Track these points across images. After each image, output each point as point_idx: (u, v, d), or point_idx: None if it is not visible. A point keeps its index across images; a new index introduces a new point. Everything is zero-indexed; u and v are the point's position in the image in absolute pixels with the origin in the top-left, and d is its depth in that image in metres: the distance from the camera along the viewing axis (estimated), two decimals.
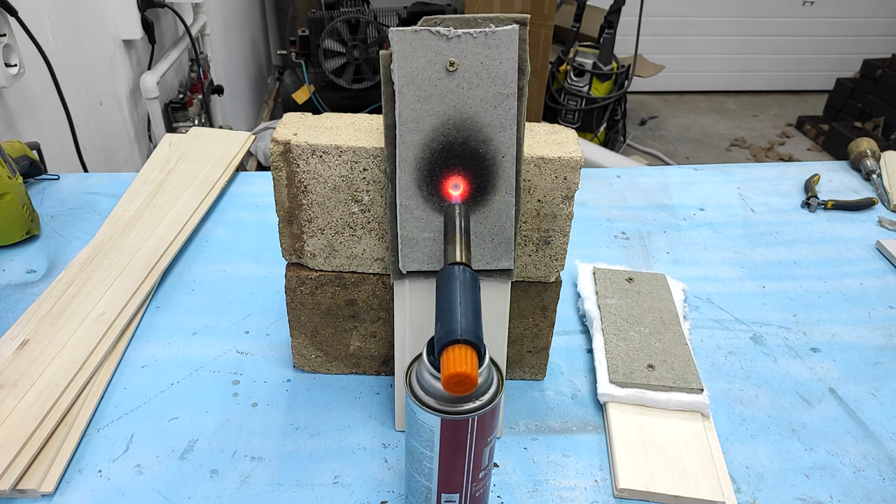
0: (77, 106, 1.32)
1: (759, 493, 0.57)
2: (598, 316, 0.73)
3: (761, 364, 0.72)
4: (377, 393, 0.66)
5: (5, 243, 0.84)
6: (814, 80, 4.00)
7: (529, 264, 0.61)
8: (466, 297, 0.45)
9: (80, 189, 0.98)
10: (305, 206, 0.58)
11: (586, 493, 0.57)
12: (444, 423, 0.45)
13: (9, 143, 0.93)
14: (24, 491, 0.54)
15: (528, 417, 0.64)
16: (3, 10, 1.03)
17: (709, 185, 1.07)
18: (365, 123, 0.59)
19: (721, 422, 0.64)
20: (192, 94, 1.93)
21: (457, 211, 0.52)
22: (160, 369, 0.68)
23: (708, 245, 0.92)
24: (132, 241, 0.83)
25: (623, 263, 0.87)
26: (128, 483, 0.56)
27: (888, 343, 0.75)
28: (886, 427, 0.64)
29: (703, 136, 3.52)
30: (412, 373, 0.47)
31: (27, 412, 0.59)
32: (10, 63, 1.04)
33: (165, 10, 1.78)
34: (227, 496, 0.55)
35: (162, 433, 0.61)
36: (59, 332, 0.68)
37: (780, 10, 3.77)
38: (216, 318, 0.75)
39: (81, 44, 1.36)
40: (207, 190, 0.95)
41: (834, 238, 0.94)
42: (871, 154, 1.10)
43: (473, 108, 0.52)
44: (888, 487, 0.58)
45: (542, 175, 0.56)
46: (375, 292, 0.63)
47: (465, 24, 0.50)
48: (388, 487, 0.57)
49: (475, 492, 0.50)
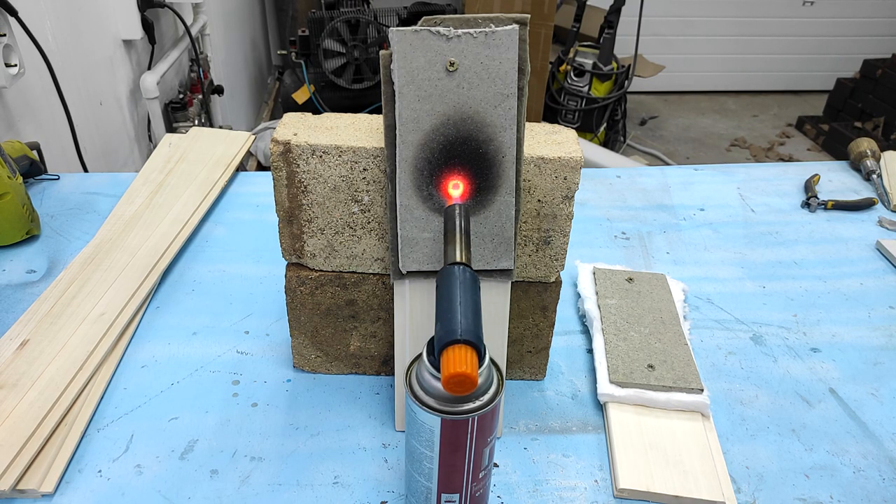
0: (77, 106, 1.32)
1: (759, 493, 0.57)
2: (598, 316, 0.73)
3: (761, 364, 0.72)
4: (377, 393, 0.66)
5: (5, 243, 0.84)
6: (814, 80, 4.00)
7: (529, 264, 0.61)
8: (466, 297, 0.45)
9: (80, 189, 0.98)
10: (305, 206, 0.58)
11: (586, 493, 0.57)
12: (444, 423, 0.45)
13: (9, 143, 0.93)
14: (24, 491, 0.54)
15: (528, 417, 0.64)
16: (3, 10, 1.03)
17: (709, 185, 1.07)
18: (365, 123, 0.59)
19: (721, 422, 0.64)
20: (192, 94, 1.93)
21: (457, 211, 0.52)
22: (160, 369, 0.68)
23: (708, 245, 0.92)
24: (132, 241, 0.83)
25: (623, 263, 0.87)
26: (128, 483, 0.56)
27: (888, 343, 0.75)
28: (886, 427, 0.64)
29: (703, 136, 3.52)
30: (412, 373, 0.47)
31: (27, 412, 0.59)
32: (10, 63, 1.04)
33: (165, 10, 1.78)
34: (227, 496, 0.55)
35: (162, 433, 0.61)
36: (59, 332, 0.68)
37: (780, 10, 3.77)
38: (216, 318, 0.75)
39: (81, 44, 1.36)
40: (207, 190, 0.95)
41: (834, 238, 0.94)
42: (871, 154, 1.10)
43: (473, 108, 0.52)
44: (888, 487, 0.58)
45: (542, 175, 0.56)
46: (375, 292, 0.63)
47: (465, 24, 0.50)
48: (388, 487, 0.57)
49: (475, 492, 0.50)
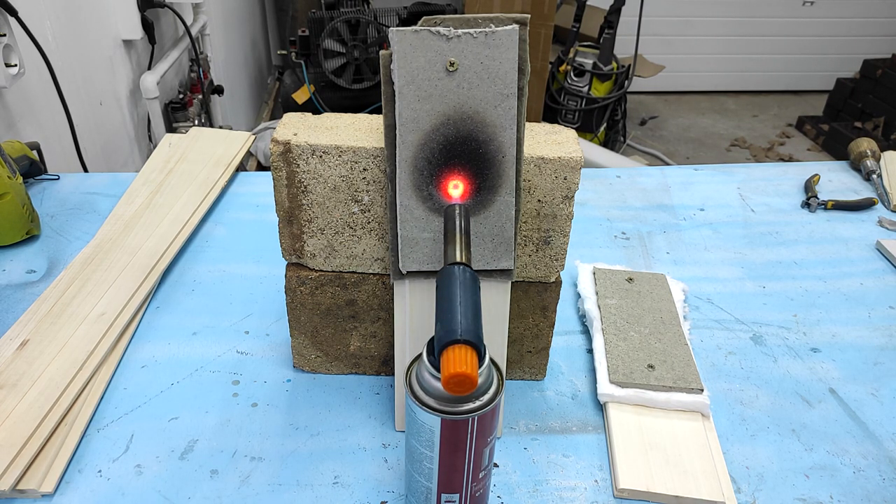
0: (77, 106, 1.32)
1: (759, 493, 0.57)
2: (598, 316, 0.73)
3: (761, 364, 0.72)
4: (377, 393, 0.66)
5: (5, 243, 0.84)
6: (814, 80, 4.00)
7: (529, 264, 0.61)
8: (466, 297, 0.45)
9: (80, 189, 0.98)
10: (305, 206, 0.58)
11: (586, 494, 0.57)
12: (444, 423, 0.45)
13: (9, 143, 0.93)
14: (24, 491, 0.54)
15: (528, 417, 0.64)
16: (3, 10, 1.03)
17: (709, 185, 1.07)
18: (365, 123, 0.59)
19: (721, 422, 0.64)
20: (192, 94, 1.93)
21: (457, 211, 0.52)
22: (160, 369, 0.68)
23: (708, 245, 0.92)
24: (132, 241, 0.83)
25: (623, 263, 0.87)
26: (128, 483, 0.56)
27: (888, 343, 0.75)
28: (886, 427, 0.64)
29: (703, 136, 3.52)
30: (412, 373, 0.47)
31: (27, 412, 0.59)
32: (10, 63, 1.04)
33: (165, 10, 1.78)
34: (227, 496, 0.55)
35: (162, 433, 0.61)
36: (59, 332, 0.68)
37: (780, 10, 3.77)
38: (216, 318, 0.75)
39: (81, 44, 1.36)
40: (207, 190, 0.95)
41: (834, 238, 0.94)
42: (871, 154, 1.10)
43: (473, 108, 0.52)
44: (888, 487, 0.58)
45: (542, 175, 0.56)
46: (375, 292, 0.63)
47: (465, 24, 0.50)
48: (388, 487, 0.57)
49: (475, 492, 0.50)
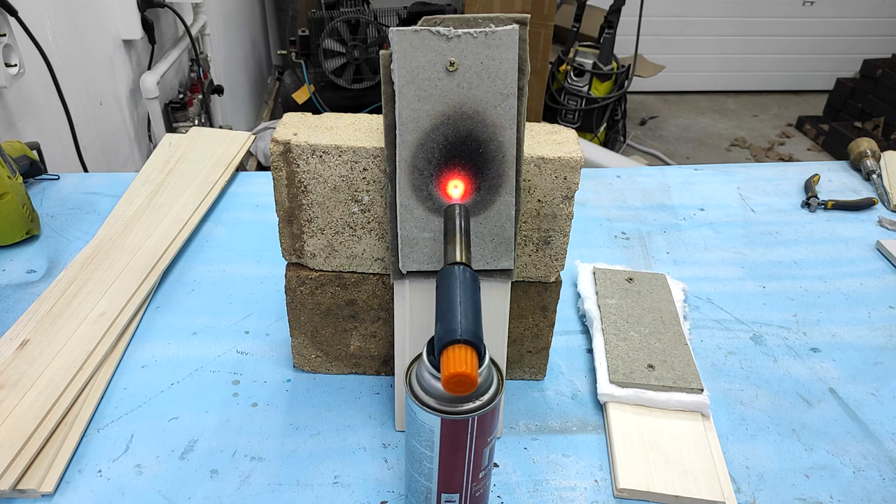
0: (77, 106, 1.32)
1: (759, 493, 0.57)
2: (598, 316, 0.73)
3: (761, 364, 0.72)
4: (377, 393, 0.66)
5: (5, 243, 0.84)
6: (814, 80, 4.00)
7: (529, 264, 0.61)
8: (466, 297, 0.45)
9: (80, 189, 0.98)
10: (305, 206, 0.58)
11: (586, 493, 0.57)
12: (444, 423, 0.45)
13: (9, 143, 0.93)
14: (24, 491, 0.54)
15: (528, 417, 0.64)
16: (3, 10, 1.03)
17: (709, 185, 1.07)
18: (365, 123, 0.59)
19: (721, 422, 0.64)
20: (192, 94, 1.93)
21: (457, 211, 0.52)
22: (160, 369, 0.68)
23: (708, 245, 0.92)
24: (132, 241, 0.83)
25: (623, 263, 0.86)
26: (128, 483, 0.56)
27: (888, 343, 0.75)
28: (886, 427, 0.64)
29: (703, 136, 3.52)
30: (412, 373, 0.47)
31: (27, 412, 0.59)
32: (10, 63, 1.04)
33: (165, 10, 1.78)
34: (227, 496, 0.55)
35: (162, 433, 0.61)
36: (59, 332, 0.68)
37: (780, 10, 3.77)
38: (216, 318, 0.75)
39: (81, 44, 1.36)
40: (207, 190, 0.95)
41: (834, 238, 0.94)
42: (871, 154, 1.10)
43: (473, 108, 0.52)
44: (888, 487, 0.58)
45: (542, 175, 0.56)
46: (375, 292, 0.63)
47: (465, 24, 0.50)
48: (388, 487, 0.57)
49: (475, 492, 0.50)
